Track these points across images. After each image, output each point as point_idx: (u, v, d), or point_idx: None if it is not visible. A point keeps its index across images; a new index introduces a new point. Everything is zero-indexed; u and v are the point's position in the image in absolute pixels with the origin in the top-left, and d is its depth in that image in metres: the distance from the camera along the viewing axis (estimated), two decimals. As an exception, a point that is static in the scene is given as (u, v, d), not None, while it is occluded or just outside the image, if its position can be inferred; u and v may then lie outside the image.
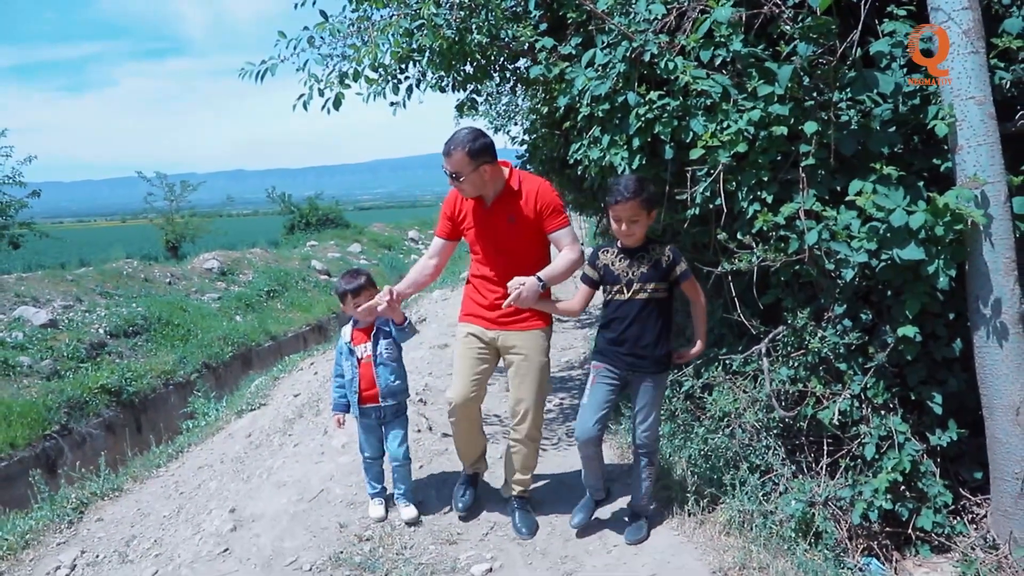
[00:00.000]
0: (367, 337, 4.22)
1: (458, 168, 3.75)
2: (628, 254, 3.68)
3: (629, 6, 4.14)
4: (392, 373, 4.22)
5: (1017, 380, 3.57)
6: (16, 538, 5.13)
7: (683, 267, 3.65)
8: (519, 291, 3.66)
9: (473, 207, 4.00)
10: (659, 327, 3.68)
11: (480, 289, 4.08)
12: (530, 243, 3.94)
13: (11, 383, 11.89)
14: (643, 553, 3.81)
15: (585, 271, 3.84)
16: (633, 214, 3.50)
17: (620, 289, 3.68)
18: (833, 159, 3.79)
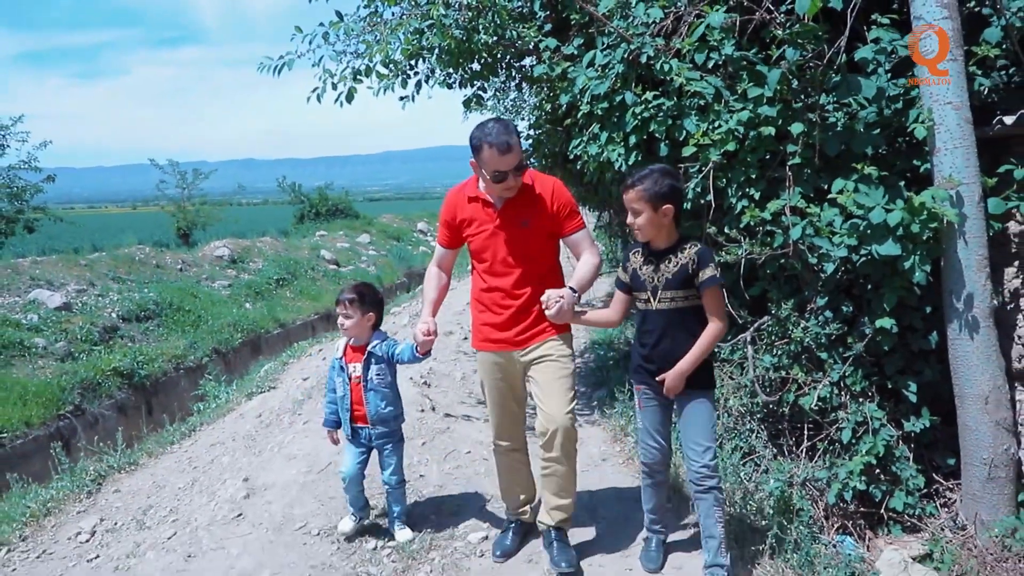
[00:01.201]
0: (359, 357, 3.95)
1: (519, 162, 3.39)
2: (654, 256, 3.31)
3: (628, 10, 4.36)
4: (383, 399, 3.95)
5: (986, 371, 3.78)
6: (39, 506, 5.39)
7: (708, 273, 3.19)
8: (560, 304, 3.31)
9: (479, 210, 3.58)
10: (693, 339, 3.25)
11: (491, 306, 3.64)
12: (544, 249, 3.60)
13: (27, 363, 12.16)
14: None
15: (618, 274, 3.54)
16: (633, 203, 3.22)
17: (646, 296, 3.33)
18: (818, 159, 4.01)
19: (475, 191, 3.60)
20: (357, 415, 3.97)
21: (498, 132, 3.33)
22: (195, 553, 4.03)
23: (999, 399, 3.80)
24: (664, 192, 3.21)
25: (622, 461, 4.87)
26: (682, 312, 3.26)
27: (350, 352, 4.01)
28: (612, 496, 4.37)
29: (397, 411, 4.04)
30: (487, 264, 3.61)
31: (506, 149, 3.31)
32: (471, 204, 3.61)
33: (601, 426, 5.57)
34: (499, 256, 3.56)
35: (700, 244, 3.28)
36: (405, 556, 3.84)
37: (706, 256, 3.23)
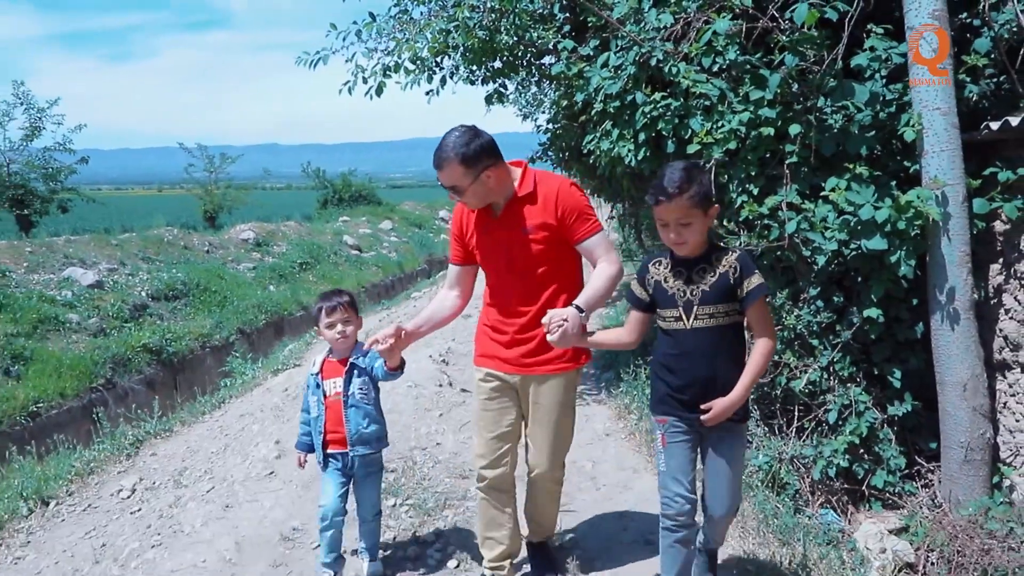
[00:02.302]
0: (340, 371, 3.55)
1: (455, 182, 3.05)
2: (684, 266, 2.81)
3: (641, 15, 4.67)
4: (365, 417, 3.52)
5: (966, 360, 4.07)
6: (83, 465, 5.80)
7: (756, 281, 2.74)
8: (563, 328, 2.83)
9: (481, 218, 3.27)
10: (735, 362, 2.81)
11: (495, 321, 3.32)
12: (554, 258, 3.19)
13: (61, 338, 12.65)
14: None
15: (633, 290, 2.98)
16: (682, 215, 2.66)
17: (678, 315, 2.80)
18: (814, 158, 4.29)
19: None
20: (332, 439, 3.52)
21: (441, 145, 3.04)
22: (232, 504, 4.40)
23: (976, 387, 4.08)
24: (709, 191, 2.75)
25: (624, 436, 5.22)
26: (722, 331, 2.78)
27: (329, 367, 3.59)
28: (613, 466, 4.71)
29: (380, 432, 3.61)
30: (492, 276, 3.33)
31: (436, 166, 3.06)
32: (474, 212, 3.28)
33: (607, 404, 5.91)
34: (499, 267, 3.26)
35: (736, 249, 2.87)
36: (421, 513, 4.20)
37: (749, 262, 2.78)
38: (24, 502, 5.18)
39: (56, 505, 5.22)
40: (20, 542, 4.70)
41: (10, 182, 19.12)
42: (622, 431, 5.30)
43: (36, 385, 11.09)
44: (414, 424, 5.30)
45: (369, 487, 3.65)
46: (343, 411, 3.50)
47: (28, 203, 19.43)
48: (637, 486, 4.24)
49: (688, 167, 2.72)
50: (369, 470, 3.62)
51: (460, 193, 3.09)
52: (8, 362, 11.37)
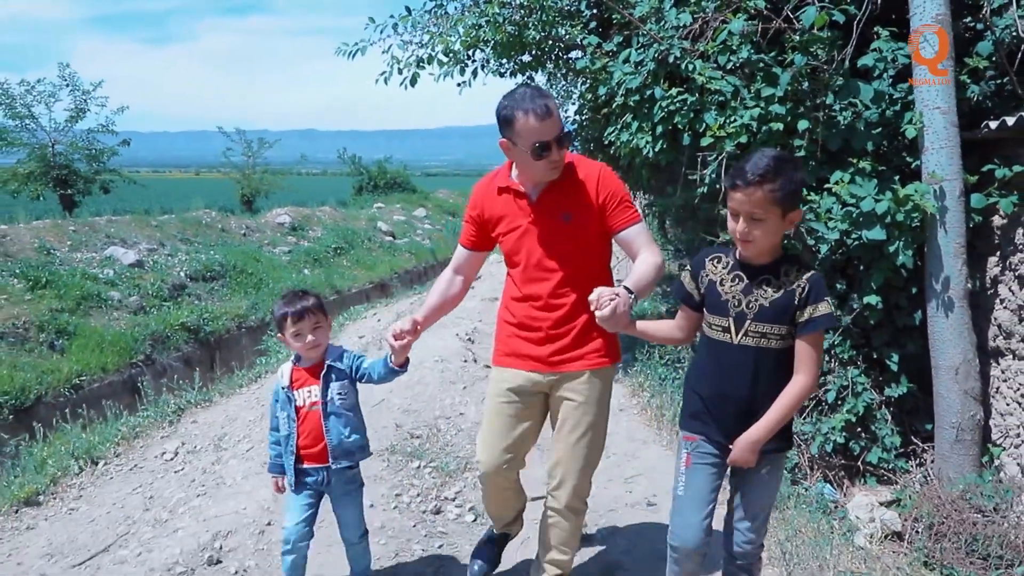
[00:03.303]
0: (314, 378, 3.16)
1: (561, 129, 2.82)
2: (747, 271, 2.52)
3: (661, 15, 4.93)
4: (347, 425, 3.17)
5: (958, 345, 4.31)
6: (128, 430, 6.22)
7: (822, 310, 2.44)
8: (614, 304, 2.55)
9: (511, 204, 3.02)
10: (781, 385, 2.50)
11: (523, 318, 3.06)
12: (591, 249, 3.00)
13: (103, 314, 13.16)
14: None
15: (684, 283, 2.71)
16: (758, 208, 2.36)
17: (725, 324, 2.53)
18: (820, 152, 4.54)
19: (506, 180, 3.03)
20: (307, 454, 3.15)
21: (532, 96, 2.77)
22: (269, 461, 4.79)
23: (968, 371, 4.32)
24: (798, 189, 2.44)
25: (636, 412, 5.54)
26: (772, 354, 2.48)
27: (300, 376, 3.20)
28: (623, 438, 5.01)
29: (363, 441, 3.27)
30: (520, 268, 3.03)
31: (545, 113, 2.73)
32: (501, 197, 3.04)
33: (622, 383, 6.21)
34: (534, 258, 2.98)
35: (812, 269, 2.50)
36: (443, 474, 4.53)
37: (822, 287, 2.46)
38: (75, 461, 5.59)
39: (104, 464, 5.62)
40: (73, 496, 5.10)
41: (55, 162, 19.77)
42: (635, 407, 5.62)
43: (79, 359, 11.59)
44: (439, 395, 5.64)
45: (350, 505, 3.28)
46: (322, 421, 3.12)
47: (72, 183, 20.08)
48: (644, 455, 4.54)
49: (780, 156, 2.39)
50: (348, 487, 3.25)
51: (561, 148, 2.82)
52: (53, 336, 11.89)
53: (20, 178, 19.63)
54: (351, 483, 3.26)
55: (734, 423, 2.53)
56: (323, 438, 3.12)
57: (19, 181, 19.62)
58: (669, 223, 8.67)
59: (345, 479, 3.22)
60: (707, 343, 2.62)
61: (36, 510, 4.90)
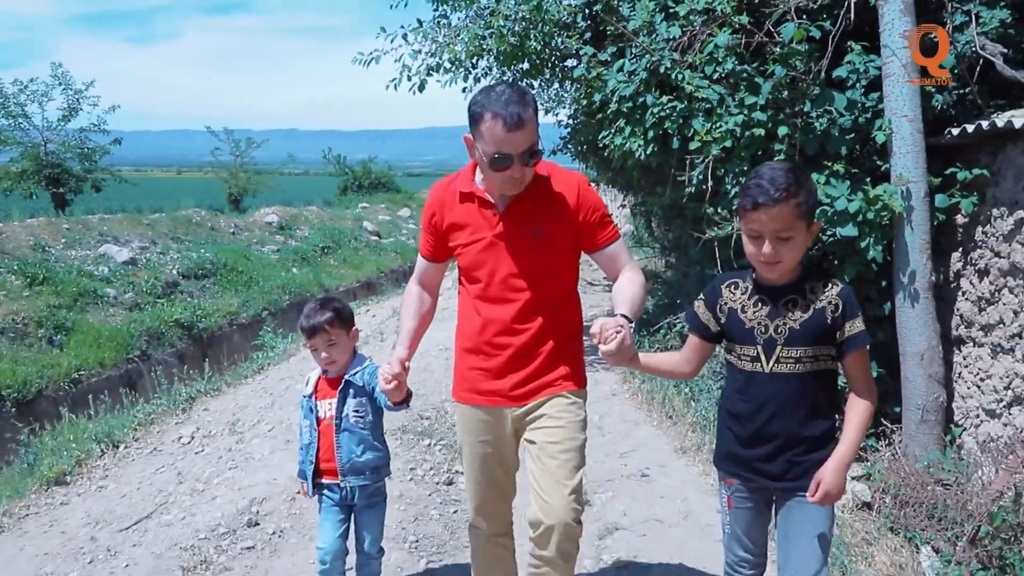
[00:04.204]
0: (333, 391, 3.09)
1: (534, 141, 2.48)
2: (769, 294, 2.32)
3: (653, 28, 5.34)
4: (360, 443, 3.05)
5: (923, 333, 4.72)
6: (144, 416, 6.54)
7: (857, 327, 2.27)
8: (621, 336, 2.30)
9: (474, 213, 2.65)
10: (822, 417, 2.32)
11: (482, 343, 2.69)
12: (561, 268, 2.70)
13: (99, 311, 13.42)
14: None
15: (698, 314, 2.48)
16: (784, 226, 2.17)
17: (754, 354, 2.32)
18: (799, 156, 4.95)
19: (469, 185, 2.66)
20: (326, 468, 3.08)
21: (508, 99, 2.38)
22: (292, 440, 5.11)
23: (932, 357, 4.74)
24: (817, 200, 2.31)
25: (628, 396, 5.95)
26: (809, 379, 2.28)
27: (324, 386, 3.14)
28: (617, 419, 5.41)
29: (379, 460, 3.12)
30: (481, 286, 2.66)
31: (515, 124, 2.36)
32: (463, 204, 2.67)
33: (614, 371, 6.60)
34: (498, 276, 2.62)
35: (839, 282, 2.33)
36: (452, 451, 4.90)
37: (854, 300, 2.30)
38: (97, 444, 5.92)
39: (125, 448, 5.95)
40: (99, 475, 5.44)
41: (47, 161, 19.95)
42: (627, 392, 6.03)
43: (78, 354, 11.86)
44: (444, 381, 5.99)
45: (370, 518, 3.15)
46: (334, 436, 3.04)
47: (64, 182, 20.26)
48: (636, 434, 4.94)
49: (793, 168, 2.24)
50: (371, 500, 3.14)
51: (516, 163, 2.44)
52: (52, 332, 12.15)
53: (13, 176, 19.82)
54: (373, 496, 3.13)
55: (770, 463, 2.32)
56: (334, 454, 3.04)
57: (12, 179, 19.81)
58: (656, 222, 9.09)
59: (366, 493, 3.09)
60: (736, 374, 2.38)
61: (65, 488, 5.23)
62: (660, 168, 5.66)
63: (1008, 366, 4.42)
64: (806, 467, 2.28)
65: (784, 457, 2.31)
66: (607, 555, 3.62)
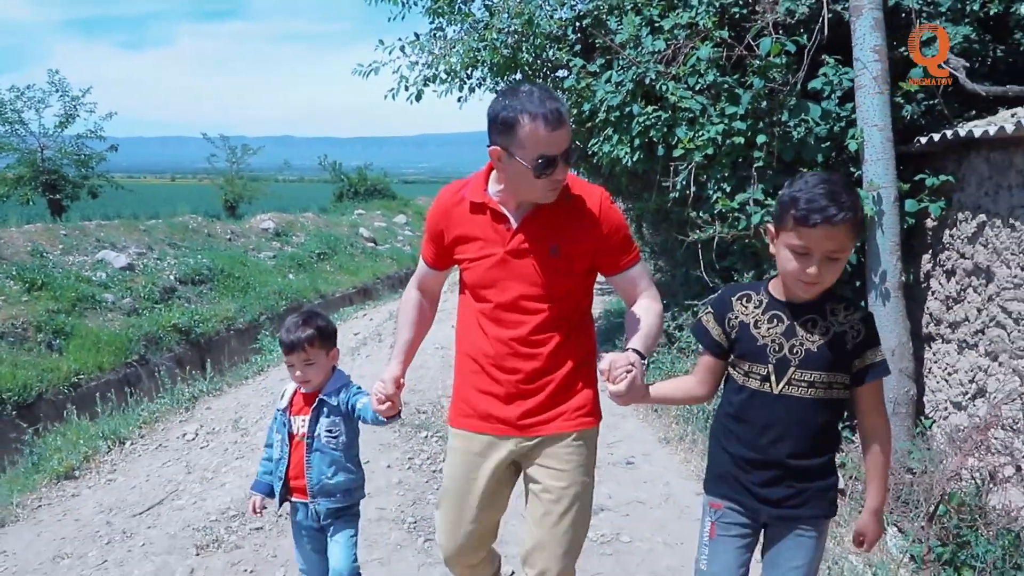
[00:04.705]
0: (307, 407, 2.93)
1: (568, 144, 2.29)
2: (788, 311, 2.16)
3: (639, 41, 5.62)
4: (331, 464, 2.90)
5: (894, 330, 4.99)
6: (149, 415, 6.77)
7: (879, 356, 2.14)
8: (632, 375, 2.16)
9: (486, 226, 2.44)
10: (826, 442, 2.19)
11: (489, 366, 2.48)
12: (577, 289, 2.49)
13: (98, 315, 13.60)
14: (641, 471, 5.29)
15: (707, 327, 2.29)
16: (838, 247, 2.01)
17: (764, 372, 2.16)
18: (776, 163, 5.23)
19: (481, 195, 2.44)
20: (296, 487, 2.94)
21: (541, 97, 2.24)
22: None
23: (903, 352, 5.01)
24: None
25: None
26: (815, 406, 2.12)
27: (299, 401, 2.99)
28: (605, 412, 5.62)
29: (351, 483, 2.96)
30: (489, 305, 2.46)
31: (557, 120, 2.21)
32: (474, 216, 2.46)
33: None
34: (509, 296, 2.42)
35: (859, 307, 2.22)
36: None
37: (876, 330, 2.18)
38: (104, 441, 6.14)
39: (131, 444, 6.17)
40: (107, 469, 5.66)
41: (44, 167, 20.14)
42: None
43: (77, 358, 12.01)
44: (440, 377, 6.25)
45: (341, 538, 2.98)
46: (304, 455, 2.89)
47: (60, 188, 20.44)
48: (623, 426, 5.19)
49: (841, 179, 2.08)
50: (343, 523, 2.98)
51: (560, 165, 2.28)
52: (51, 336, 12.32)
53: (9, 183, 19.98)
54: (345, 519, 2.98)
55: (770, 487, 2.17)
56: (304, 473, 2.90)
57: (8, 186, 19.97)
58: (646, 226, 9.37)
59: (336, 514, 2.94)
60: (740, 393, 2.20)
61: (75, 482, 5.44)
62: (646, 174, 5.94)
63: (972, 361, 4.69)
64: (806, 497, 2.15)
65: (785, 483, 2.15)
66: (592, 532, 3.86)
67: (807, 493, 2.14)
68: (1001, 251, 4.35)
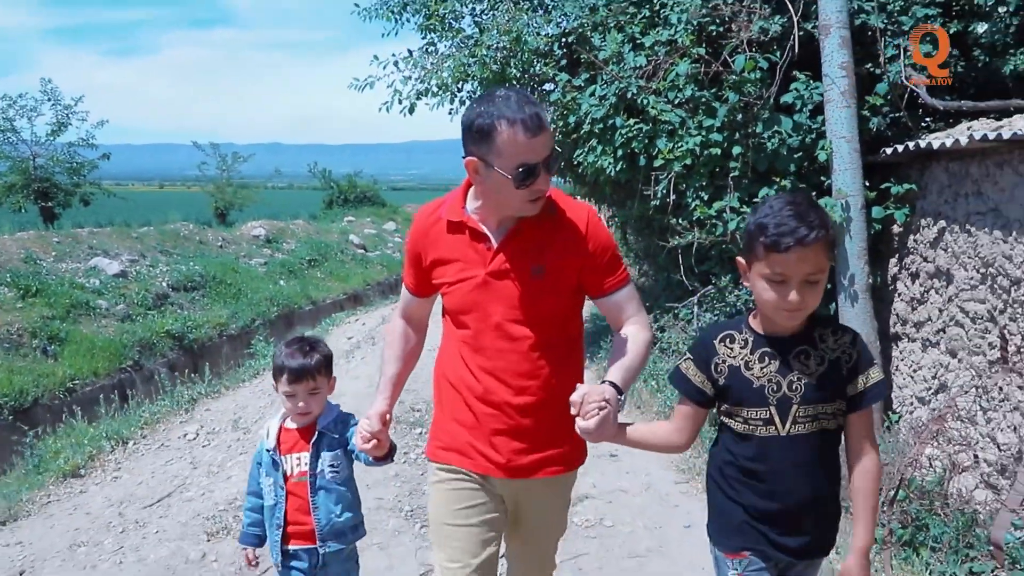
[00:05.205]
0: (304, 443, 2.67)
1: (553, 148, 2.16)
2: (778, 347, 2.01)
3: (621, 57, 5.92)
4: (339, 501, 2.67)
5: (863, 329, 5.27)
6: (149, 416, 7.00)
7: (874, 377, 2.01)
8: (604, 414, 1.99)
9: (465, 246, 2.27)
10: (835, 472, 2.08)
11: (472, 397, 2.29)
12: (565, 312, 2.32)
13: (92, 322, 13.76)
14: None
15: (688, 376, 2.10)
16: (815, 268, 1.91)
17: (767, 416, 2.00)
18: (751, 172, 5.53)
19: (459, 213, 2.27)
20: (295, 532, 2.66)
21: (519, 101, 2.07)
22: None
23: (871, 351, 5.30)
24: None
25: (598, 385, 6.48)
26: (822, 438, 2.00)
27: (288, 437, 2.70)
28: (591, 410, 5.95)
29: (356, 520, 2.75)
30: (470, 333, 2.28)
31: (537, 126, 2.04)
32: (452, 236, 2.29)
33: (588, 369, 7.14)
34: (492, 321, 2.24)
35: (847, 328, 2.10)
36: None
37: (867, 347, 2.07)
38: (107, 441, 6.37)
39: (134, 444, 6.40)
40: (112, 468, 5.89)
41: (36, 175, 20.28)
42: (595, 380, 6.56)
43: (72, 364, 12.16)
44: (433, 378, 6.52)
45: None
46: (309, 496, 2.63)
47: (52, 196, 20.58)
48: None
49: (805, 197, 1.99)
50: (345, 566, 2.76)
51: (542, 174, 2.10)
52: (46, 342, 12.50)
53: (2, 190, 20.12)
54: (348, 561, 2.76)
55: (791, 536, 2.02)
56: (311, 515, 2.63)
57: (1, 193, 20.11)
58: (630, 232, 9.67)
59: (339, 559, 2.71)
60: (744, 443, 2.03)
61: (81, 480, 5.67)
62: (628, 183, 6.23)
63: (935, 358, 5.00)
64: (823, 531, 2.06)
65: (806, 528, 2.02)
66: (577, 518, 4.16)
67: (823, 528, 2.06)
68: (959, 255, 4.66)
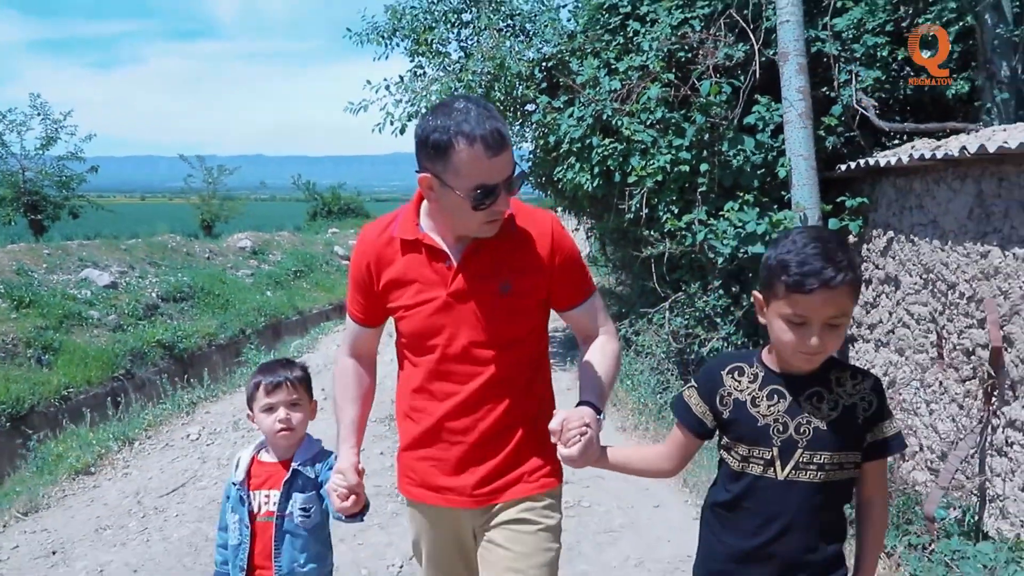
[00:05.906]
0: (277, 479, 2.42)
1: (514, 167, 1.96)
2: (790, 386, 1.84)
3: (598, 81, 6.39)
4: (304, 549, 2.41)
5: (820, 332, 5.76)
6: (152, 418, 7.36)
7: (892, 428, 1.85)
8: (586, 439, 1.89)
9: (421, 265, 2.07)
10: (836, 530, 1.89)
11: (434, 428, 2.12)
12: (533, 329, 2.14)
13: (84, 332, 14.04)
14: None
15: (690, 405, 1.97)
16: (839, 311, 1.70)
17: (768, 457, 1.83)
18: (717, 188, 6.00)
19: (413, 231, 2.08)
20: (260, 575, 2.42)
21: (478, 115, 1.85)
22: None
23: (828, 351, 5.77)
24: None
25: (581, 391, 6.91)
26: (824, 490, 1.82)
27: (259, 471, 2.47)
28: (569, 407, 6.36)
29: (324, 569, 2.48)
30: (433, 358, 2.09)
31: (497, 143, 1.85)
32: (406, 256, 2.09)
33: (571, 372, 7.57)
34: (455, 346, 2.07)
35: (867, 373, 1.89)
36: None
37: (884, 396, 1.88)
38: (115, 441, 6.72)
39: (140, 444, 6.76)
40: (121, 465, 6.24)
41: (25, 188, 20.53)
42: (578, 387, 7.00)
43: (66, 373, 12.44)
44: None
45: None
46: (273, 539, 2.40)
47: (41, 209, 20.83)
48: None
49: (833, 235, 1.80)
50: None
51: (502, 195, 1.92)
52: (40, 352, 12.79)
53: (-8, 204, 20.38)
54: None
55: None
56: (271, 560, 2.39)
57: (-10, 207, 20.37)
58: (608, 243, 10.16)
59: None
60: (737, 480, 1.90)
61: (92, 477, 6.02)
62: (605, 198, 6.70)
63: (886, 357, 5.47)
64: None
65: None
66: (558, 499, 4.57)
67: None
68: (905, 262, 5.13)
